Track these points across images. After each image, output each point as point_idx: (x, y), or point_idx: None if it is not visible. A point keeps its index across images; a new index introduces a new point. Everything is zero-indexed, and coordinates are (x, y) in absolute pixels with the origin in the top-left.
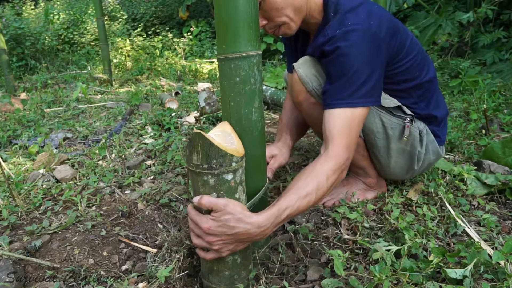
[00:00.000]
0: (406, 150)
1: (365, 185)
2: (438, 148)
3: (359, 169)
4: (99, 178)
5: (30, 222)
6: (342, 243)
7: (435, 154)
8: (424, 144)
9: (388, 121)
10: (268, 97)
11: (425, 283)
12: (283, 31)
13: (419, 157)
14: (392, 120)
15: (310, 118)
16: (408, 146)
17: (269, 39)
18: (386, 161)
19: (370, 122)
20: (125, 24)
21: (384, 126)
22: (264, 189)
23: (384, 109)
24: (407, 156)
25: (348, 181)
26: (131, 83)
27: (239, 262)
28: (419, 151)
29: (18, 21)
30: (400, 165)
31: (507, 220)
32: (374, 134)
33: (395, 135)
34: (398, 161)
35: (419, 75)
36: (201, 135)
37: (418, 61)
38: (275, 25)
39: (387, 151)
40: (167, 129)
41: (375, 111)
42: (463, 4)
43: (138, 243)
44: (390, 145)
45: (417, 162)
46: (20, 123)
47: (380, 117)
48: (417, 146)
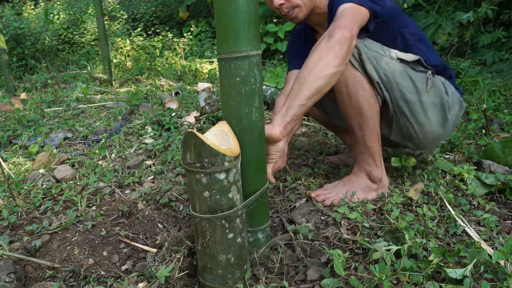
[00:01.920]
0: (436, 102)
1: (369, 181)
2: (460, 98)
3: (367, 155)
4: (99, 178)
5: (30, 222)
6: (342, 243)
7: (459, 104)
8: (449, 93)
9: (413, 75)
10: (268, 97)
11: (425, 283)
12: (296, 14)
13: (449, 107)
14: (416, 74)
15: (343, 82)
16: (437, 98)
17: (269, 39)
18: (425, 117)
19: (400, 77)
20: (125, 24)
21: (412, 80)
22: (263, 189)
23: (407, 63)
24: (439, 107)
25: (351, 178)
26: (131, 83)
27: (233, 261)
28: (447, 100)
29: (18, 21)
30: (437, 121)
31: (507, 220)
32: (404, 88)
33: (423, 87)
34: (433, 115)
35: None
36: (193, 134)
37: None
38: (291, 6)
39: (422, 105)
40: (167, 129)
41: (401, 66)
42: (463, 4)
43: (138, 243)
44: (421, 98)
45: (448, 112)
46: (20, 123)
47: (407, 72)
48: (444, 96)
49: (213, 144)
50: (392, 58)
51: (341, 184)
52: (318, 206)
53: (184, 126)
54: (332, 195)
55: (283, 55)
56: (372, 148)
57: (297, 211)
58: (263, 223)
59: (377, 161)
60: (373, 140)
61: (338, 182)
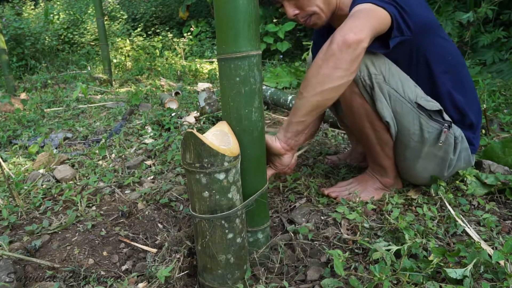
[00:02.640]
0: (438, 155)
1: (381, 184)
2: (470, 156)
3: (379, 167)
4: (99, 178)
5: (30, 222)
6: (342, 243)
7: (466, 162)
8: (457, 152)
9: (426, 124)
10: (268, 97)
11: (425, 283)
12: (314, 21)
13: (450, 164)
14: (430, 124)
15: (349, 110)
16: (441, 152)
17: (269, 39)
18: (412, 164)
19: (409, 121)
20: (125, 24)
21: (421, 128)
22: (263, 189)
23: (425, 111)
24: (438, 161)
25: (364, 177)
26: (131, 83)
27: (232, 261)
28: (451, 158)
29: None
30: (428, 170)
31: (507, 220)
32: (410, 134)
33: (430, 139)
34: (426, 166)
35: (454, 61)
36: (193, 134)
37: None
38: (306, 15)
39: (418, 153)
40: (167, 129)
41: (415, 112)
42: (463, 4)
43: (138, 243)
44: (423, 148)
45: (447, 169)
46: (20, 123)
47: (419, 119)
48: (450, 152)
49: (212, 144)
50: (409, 101)
51: (355, 183)
52: (318, 206)
53: (184, 126)
54: (346, 193)
55: (283, 55)
56: (381, 164)
57: (297, 211)
58: (263, 223)
59: (389, 172)
60: (381, 158)
61: (352, 180)
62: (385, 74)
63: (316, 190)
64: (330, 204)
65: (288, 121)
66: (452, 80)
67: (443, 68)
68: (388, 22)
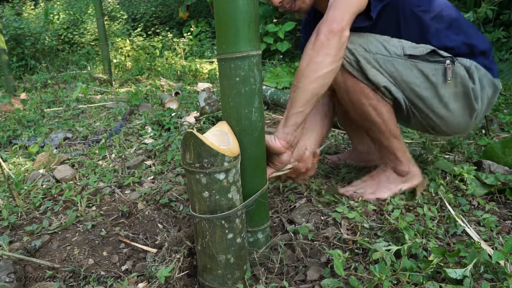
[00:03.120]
0: (458, 91)
1: (395, 174)
2: (493, 79)
3: (389, 154)
4: (99, 178)
5: (30, 222)
6: (342, 243)
7: (491, 86)
8: (476, 80)
9: (426, 69)
10: (268, 97)
11: (425, 283)
12: (299, 5)
13: (475, 95)
14: (430, 67)
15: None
16: (458, 87)
17: (269, 39)
18: (446, 110)
19: (408, 75)
20: (125, 24)
21: (424, 74)
22: (263, 189)
23: (418, 57)
24: (463, 97)
25: (378, 173)
26: (131, 83)
27: (232, 261)
28: (473, 88)
29: (18, 21)
30: (461, 111)
31: (507, 220)
32: (416, 86)
33: (439, 81)
34: (456, 106)
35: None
36: (193, 134)
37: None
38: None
39: (440, 99)
40: (167, 129)
41: (409, 63)
42: (463, 4)
43: (138, 243)
44: (439, 92)
45: (475, 100)
46: (20, 123)
47: (417, 67)
48: (468, 84)
49: (212, 144)
50: (398, 56)
51: (369, 180)
52: (318, 205)
53: (184, 126)
54: (361, 191)
55: (283, 55)
56: (390, 147)
57: (297, 211)
58: (263, 223)
59: (400, 156)
60: (389, 139)
61: (366, 178)
62: (364, 45)
63: (316, 190)
64: (330, 204)
65: (286, 116)
66: (445, 22)
67: (432, 15)
68: (365, 1)
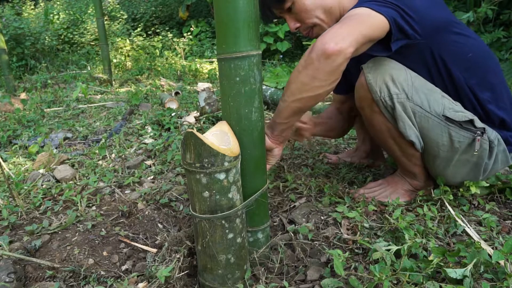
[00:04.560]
0: (471, 161)
1: (410, 186)
2: (508, 157)
3: (408, 172)
4: (99, 178)
5: (30, 222)
6: (342, 243)
7: (504, 163)
8: (493, 155)
9: (456, 135)
10: (268, 97)
11: (425, 283)
12: (317, 33)
13: (485, 168)
14: (460, 134)
15: (371, 127)
16: (474, 158)
17: (269, 39)
18: (450, 169)
19: (437, 135)
20: (125, 24)
21: (451, 139)
22: (263, 189)
23: (454, 122)
24: (471, 166)
25: (394, 179)
26: (131, 83)
27: (233, 261)
28: (487, 163)
29: (18, 21)
30: (461, 175)
31: (507, 220)
32: (438, 146)
33: (462, 148)
34: (458, 171)
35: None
36: (193, 134)
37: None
38: (307, 27)
39: (449, 162)
40: (167, 129)
41: (443, 124)
42: (463, 4)
43: (138, 243)
44: (454, 156)
45: (483, 173)
46: (20, 123)
47: (449, 131)
48: (485, 157)
49: (212, 144)
50: (436, 115)
51: (385, 184)
52: (317, 205)
53: (184, 126)
54: (376, 194)
55: (283, 55)
56: (411, 171)
57: (297, 211)
58: (263, 223)
59: (418, 177)
60: (411, 166)
61: (382, 181)
62: (408, 91)
63: (317, 190)
64: (330, 204)
65: (273, 120)
66: (475, 77)
67: (463, 66)
68: (384, 27)
